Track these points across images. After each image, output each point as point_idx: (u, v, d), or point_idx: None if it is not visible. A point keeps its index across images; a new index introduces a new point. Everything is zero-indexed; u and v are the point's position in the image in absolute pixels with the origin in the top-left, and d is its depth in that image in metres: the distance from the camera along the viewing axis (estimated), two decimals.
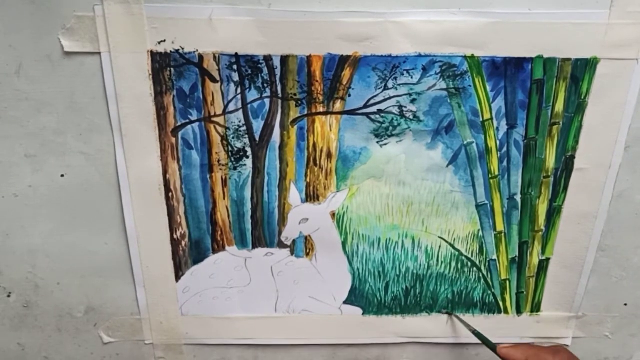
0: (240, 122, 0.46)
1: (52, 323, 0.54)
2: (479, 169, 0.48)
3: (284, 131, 0.47)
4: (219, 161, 0.47)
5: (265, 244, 0.51)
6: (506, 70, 0.44)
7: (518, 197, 0.49)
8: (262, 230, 0.50)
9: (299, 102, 0.45)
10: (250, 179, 0.48)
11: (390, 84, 0.45)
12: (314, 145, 0.47)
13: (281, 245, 0.51)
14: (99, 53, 0.42)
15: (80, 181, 0.48)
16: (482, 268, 0.52)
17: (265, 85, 0.45)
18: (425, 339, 0.56)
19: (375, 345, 0.56)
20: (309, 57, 0.43)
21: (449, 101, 0.46)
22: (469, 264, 0.52)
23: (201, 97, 0.45)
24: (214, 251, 0.51)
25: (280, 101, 0.45)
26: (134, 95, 0.44)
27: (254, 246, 0.51)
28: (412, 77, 0.44)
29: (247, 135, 0.46)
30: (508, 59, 0.44)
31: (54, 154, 0.47)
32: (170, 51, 0.43)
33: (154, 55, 0.43)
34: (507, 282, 0.53)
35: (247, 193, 0.49)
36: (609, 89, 0.45)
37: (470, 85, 0.45)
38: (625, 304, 0.55)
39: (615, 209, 0.50)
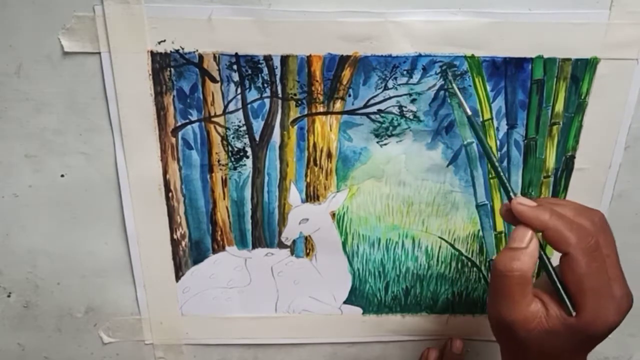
0: (240, 122, 0.46)
1: (52, 323, 0.54)
2: (479, 169, 0.48)
3: (284, 131, 0.46)
4: (219, 161, 0.47)
5: (265, 244, 0.51)
6: (506, 70, 0.44)
7: None
8: (262, 231, 0.50)
9: (299, 102, 0.45)
10: (250, 179, 0.48)
11: (390, 84, 0.45)
12: (314, 145, 0.47)
13: (281, 245, 0.51)
14: (99, 53, 0.42)
15: (80, 181, 0.48)
16: (483, 268, 0.52)
17: (265, 85, 0.45)
18: (425, 338, 0.56)
19: (376, 344, 0.56)
20: (309, 57, 0.43)
21: (449, 101, 0.46)
22: (469, 264, 0.52)
23: (201, 97, 0.45)
24: (214, 251, 0.51)
25: (280, 101, 0.45)
26: (134, 95, 0.44)
27: (254, 246, 0.51)
28: (412, 77, 0.44)
29: (247, 135, 0.46)
30: (508, 59, 0.44)
31: (54, 154, 0.47)
32: (170, 51, 0.43)
33: (154, 55, 0.43)
34: None
35: (247, 193, 0.49)
36: (609, 89, 0.45)
37: (470, 85, 0.45)
38: None
39: (615, 209, 0.50)
